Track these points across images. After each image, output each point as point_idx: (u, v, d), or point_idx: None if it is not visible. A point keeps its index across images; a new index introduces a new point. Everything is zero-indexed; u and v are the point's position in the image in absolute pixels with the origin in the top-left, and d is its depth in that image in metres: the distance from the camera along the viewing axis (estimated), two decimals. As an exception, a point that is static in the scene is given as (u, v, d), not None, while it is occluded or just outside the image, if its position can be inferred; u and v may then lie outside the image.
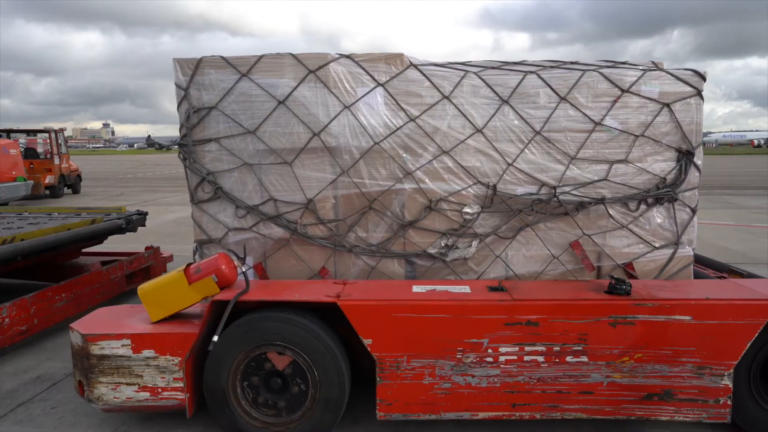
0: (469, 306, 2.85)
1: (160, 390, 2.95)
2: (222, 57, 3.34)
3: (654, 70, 3.41)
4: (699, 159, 3.44)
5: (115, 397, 2.97)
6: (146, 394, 2.96)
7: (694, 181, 3.45)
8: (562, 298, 2.90)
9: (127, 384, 2.96)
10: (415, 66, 3.40)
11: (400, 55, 3.39)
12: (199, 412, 3.07)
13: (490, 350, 2.85)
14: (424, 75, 3.39)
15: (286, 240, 3.48)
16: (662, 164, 3.44)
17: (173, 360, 2.92)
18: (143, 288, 3.08)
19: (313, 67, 3.32)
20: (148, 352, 2.92)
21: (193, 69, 3.36)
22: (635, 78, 3.38)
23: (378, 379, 2.89)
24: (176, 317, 3.08)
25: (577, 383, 2.87)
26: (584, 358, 2.85)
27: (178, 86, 3.40)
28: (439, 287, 3.10)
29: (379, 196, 3.42)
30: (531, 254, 3.50)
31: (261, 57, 3.33)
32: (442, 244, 3.46)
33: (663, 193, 3.43)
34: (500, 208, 3.45)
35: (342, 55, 3.37)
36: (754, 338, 2.78)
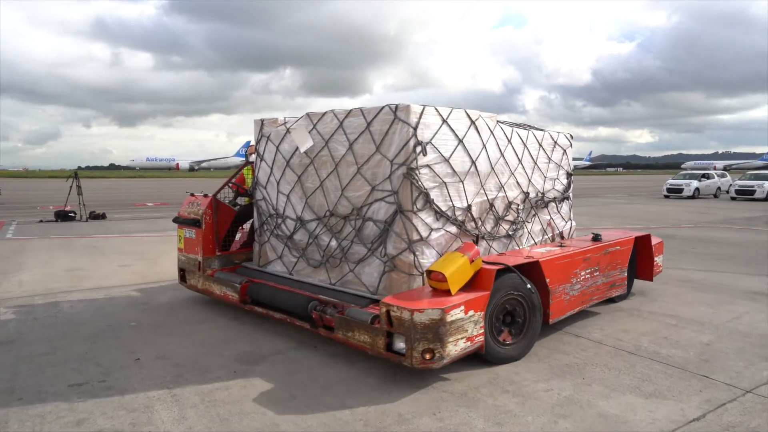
0: (576, 254, 5.45)
1: (475, 337, 4.26)
2: (435, 108, 4.72)
3: (562, 132, 6.80)
4: (572, 178, 7.03)
5: (454, 351, 4.08)
6: (468, 343, 4.21)
7: (571, 189, 7.02)
8: (590, 245, 5.86)
9: (461, 338, 4.13)
10: (498, 122, 5.66)
11: (495, 115, 5.57)
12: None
13: (580, 275, 5.52)
14: (501, 128, 5.69)
15: (457, 234, 5.07)
16: (565, 180, 6.86)
17: (480, 314, 4.30)
18: (448, 271, 4.22)
19: (474, 119, 5.13)
20: (471, 312, 4.20)
21: (419, 115, 4.59)
22: (557, 137, 6.67)
23: (550, 300, 5.10)
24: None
25: (596, 285, 5.88)
26: (598, 272, 5.89)
27: (409, 125, 4.53)
28: (542, 249, 5.52)
29: (493, 201, 5.49)
30: (534, 230, 6.27)
31: (452, 110, 4.89)
32: (512, 228, 5.82)
33: (566, 195, 6.85)
34: (525, 205, 6.08)
35: (480, 114, 5.29)
36: (631, 252, 6.50)
